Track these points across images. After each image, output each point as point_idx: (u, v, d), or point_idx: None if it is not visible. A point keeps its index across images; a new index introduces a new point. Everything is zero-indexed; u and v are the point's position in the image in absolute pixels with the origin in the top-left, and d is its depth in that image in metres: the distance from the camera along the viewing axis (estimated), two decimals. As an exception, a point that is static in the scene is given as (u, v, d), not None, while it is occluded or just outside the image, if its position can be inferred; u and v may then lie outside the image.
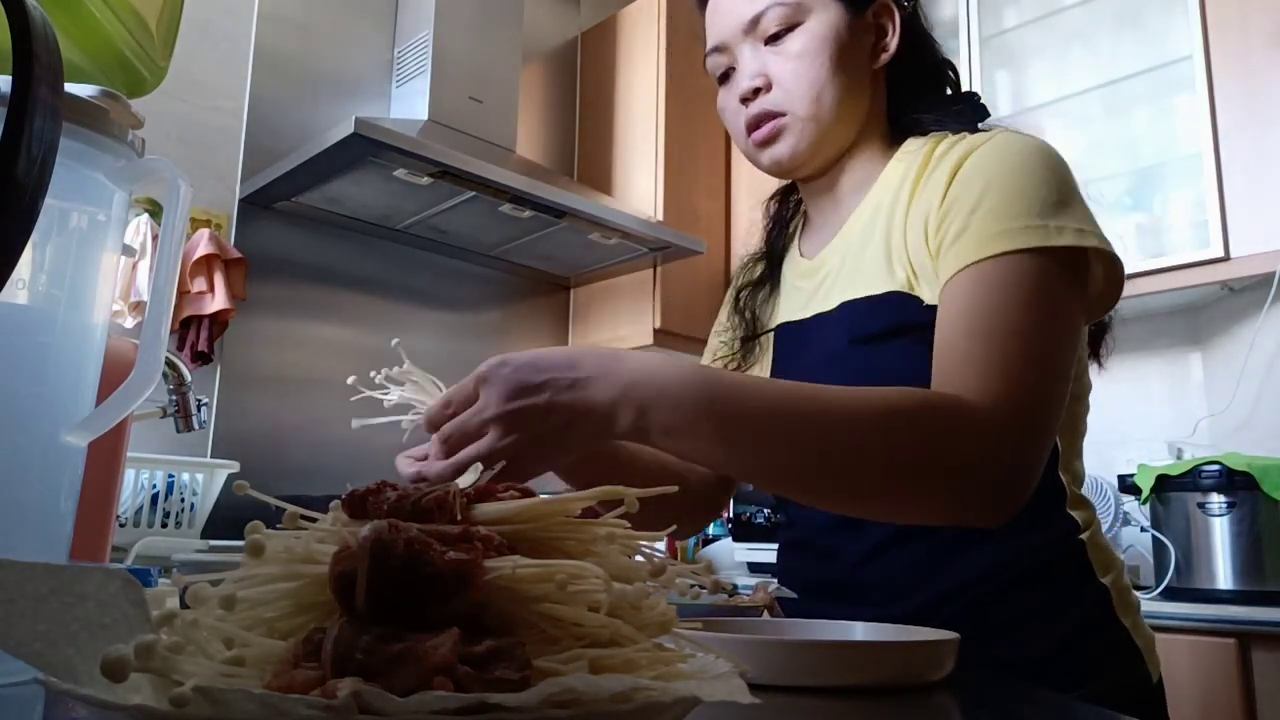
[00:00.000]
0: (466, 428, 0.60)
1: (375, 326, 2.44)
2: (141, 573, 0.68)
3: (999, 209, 0.72)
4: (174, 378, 1.22)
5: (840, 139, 0.87)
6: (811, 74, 0.82)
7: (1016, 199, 0.72)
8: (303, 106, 2.38)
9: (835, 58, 0.83)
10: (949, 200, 0.76)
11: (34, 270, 0.44)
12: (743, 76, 0.86)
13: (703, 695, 0.26)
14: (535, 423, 0.59)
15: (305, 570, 0.29)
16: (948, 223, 0.75)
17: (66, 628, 0.27)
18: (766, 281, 0.98)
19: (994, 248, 0.70)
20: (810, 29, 0.83)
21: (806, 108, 0.83)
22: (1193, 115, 2.08)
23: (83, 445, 0.47)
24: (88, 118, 0.45)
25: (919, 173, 0.82)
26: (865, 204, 0.87)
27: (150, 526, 1.58)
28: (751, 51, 0.86)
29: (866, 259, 0.83)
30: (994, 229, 0.71)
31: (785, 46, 0.84)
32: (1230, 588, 1.79)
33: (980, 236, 0.71)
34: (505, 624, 0.27)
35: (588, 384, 0.59)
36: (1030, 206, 0.71)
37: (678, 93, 2.85)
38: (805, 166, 0.88)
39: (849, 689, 0.49)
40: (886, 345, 0.79)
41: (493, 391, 0.59)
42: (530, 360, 0.59)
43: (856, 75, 0.85)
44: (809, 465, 0.63)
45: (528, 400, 0.58)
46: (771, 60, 0.85)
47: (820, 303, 0.88)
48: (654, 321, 2.70)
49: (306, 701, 0.22)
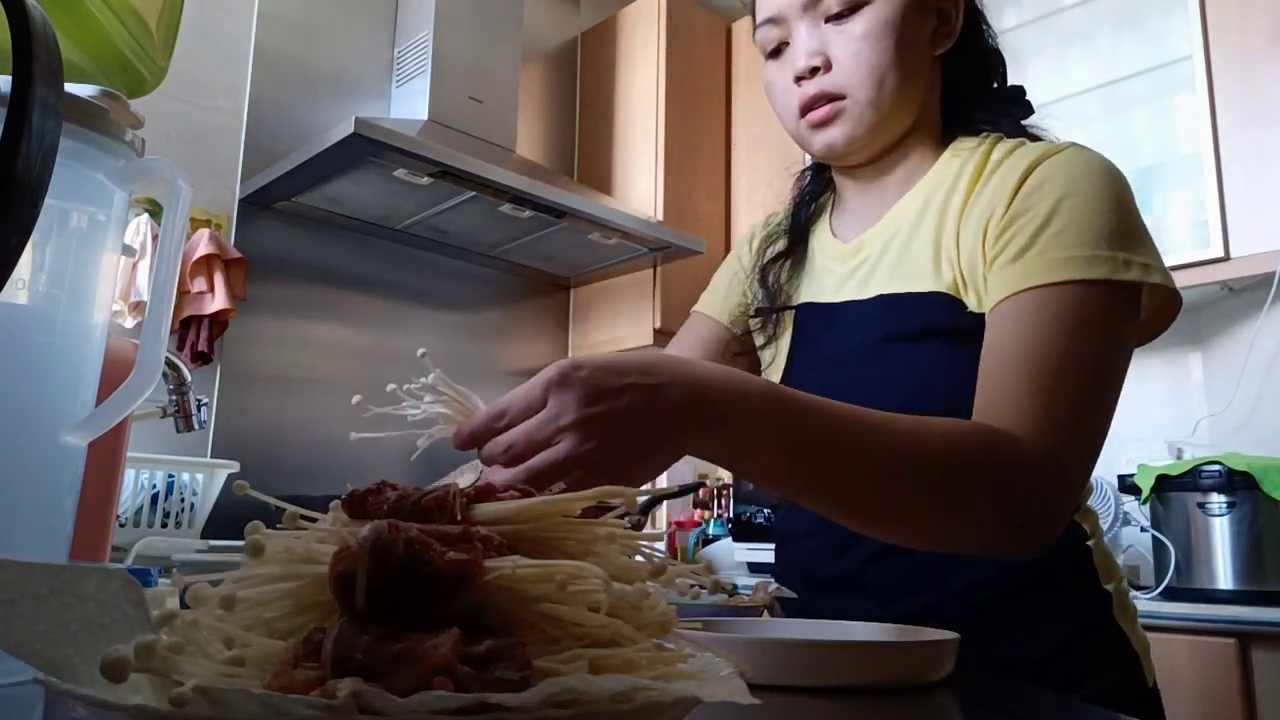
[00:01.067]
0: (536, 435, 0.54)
1: (375, 326, 2.44)
2: (141, 573, 0.68)
3: (1068, 233, 0.70)
4: (174, 378, 1.22)
5: (896, 128, 0.83)
6: (875, 57, 0.79)
7: (1087, 225, 0.70)
8: (303, 106, 2.38)
9: (899, 42, 0.79)
10: (1014, 211, 0.74)
11: (34, 270, 0.44)
12: (799, 54, 0.82)
13: (703, 695, 0.26)
14: (616, 428, 0.54)
15: (305, 570, 0.29)
16: (1010, 235, 0.73)
17: (66, 628, 0.27)
18: (790, 255, 0.95)
19: (1061, 274, 0.68)
20: (876, 10, 0.79)
21: (867, 92, 0.79)
22: (1193, 115, 2.08)
23: (83, 445, 0.47)
24: (88, 118, 0.45)
25: (976, 173, 0.80)
26: (914, 194, 0.84)
27: (150, 526, 1.58)
28: (809, 28, 0.82)
29: (913, 253, 0.81)
30: (1061, 254, 0.69)
31: (848, 26, 0.80)
32: (1230, 588, 1.79)
33: (1046, 261, 0.70)
34: (505, 624, 0.27)
35: (667, 389, 0.56)
36: (1100, 235, 0.69)
37: (678, 93, 2.85)
38: (858, 154, 0.84)
39: (849, 689, 0.49)
40: (921, 346, 0.78)
41: (569, 396, 0.54)
42: (605, 364, 0.56)
43: (917, 62, 0.82)
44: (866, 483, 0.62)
45: (609, 404, 0.54)
46: (832, 39, 0.80)
47: (855, 289, 0.85)
48: (654, 321, 2.70)
49: (306, 701, 0.22)
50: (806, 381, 0.85)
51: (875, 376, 0.79)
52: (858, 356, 0.82)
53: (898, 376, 0.78)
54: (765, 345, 0.94)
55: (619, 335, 2.80)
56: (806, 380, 0.85)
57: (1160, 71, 2.19)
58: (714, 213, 2.92)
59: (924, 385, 0.77)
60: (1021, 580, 0.77)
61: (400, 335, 2.49)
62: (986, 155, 0.81)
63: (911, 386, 0.77)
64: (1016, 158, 0.78)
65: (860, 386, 0.80)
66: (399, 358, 2.47)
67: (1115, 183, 0.74)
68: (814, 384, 0.84)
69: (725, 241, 2.94)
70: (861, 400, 0.79)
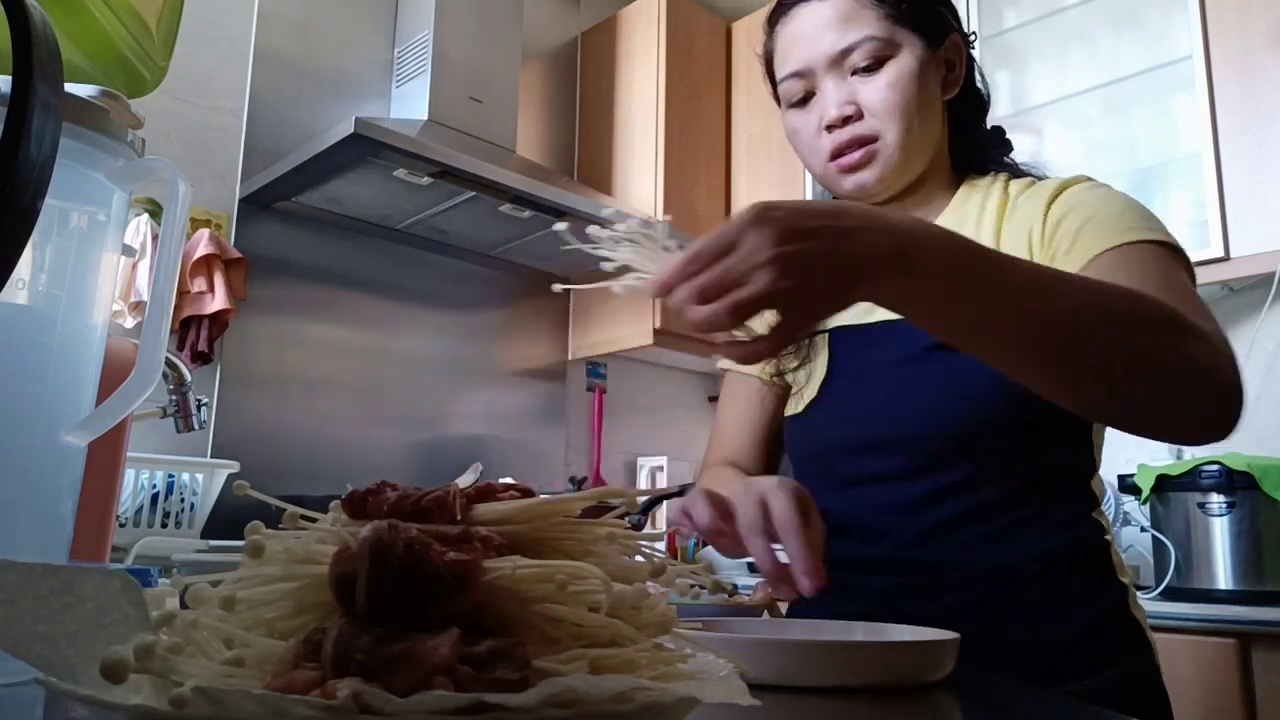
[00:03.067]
0: (730, 275, 0.55)
1: (375, 326, 2.44)
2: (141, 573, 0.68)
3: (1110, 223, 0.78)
4: (174, 378, 1.22)
5: (917, 167, 0.90)
6: (903, 103, 0.85)
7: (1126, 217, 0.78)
8: (303, 106, 2.38)
9: (920, 89, 0.86)
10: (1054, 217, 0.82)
11: (34, 270, 0.44)
12: (829, 104, 0.87)
13: (703, 696, 0.26)
14: (811, 268, 0.54)
15: (305, 571, 0.28)
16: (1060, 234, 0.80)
17: (66, 628, 0.27)
18: None
19: (1127, 237, 0.76)
20: (901, 62, 0.86)
21: (897, 135, 0.85)
22: (1193, 115, 2.08)
23: (83, 445, 0.47)
24: (88, 118, 0.45)
25: (1000, 204, 0.88)
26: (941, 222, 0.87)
27: (150, 526, 1.58)
28: (836, 82, 0.87)
29: None
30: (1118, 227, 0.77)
31: (876, 79, 0.86)
32: (1230, 588, 1.79)
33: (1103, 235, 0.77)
34: (505, 624, 0.27)
35: (859, 232, 0.56)
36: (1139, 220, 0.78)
37: (678, 93, 2.85)
38: (885, 192, 0.90)
39: (849, 689, 0.49)
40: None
41: (764, 234, 0.54)
42: (799, 207, 0.56)
43: (934, 107, 0.89)
44: (1069, 327, 0.62)
45: (805, 244, 0.54)
46: (861, 90, 0.86)
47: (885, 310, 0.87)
48: (654, 322, 2.70)
49: (306, 702, 0.22)
50: (849, 395, 0.90)
51: (924, 381, 0.83)
52: (903, 365, 0.85)
53: (950, 380, 0.81)
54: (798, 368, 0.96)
55: (619, 335, 2.80)
56: (849, 394, 0.90)
57: (1160, 71, 2.18)
58: (714, 213, 2.92)
59: (973, 387, 0.80)
60: (1052, 563, 0.81)
61: (400, 335, 2.49)
62: (1005, 189, 0.89)
63: (964, 389, 0.80)
64: (1039, 187, 0.86)
65: (904, 387, 0.84)
66: (399, 358, 2.47)
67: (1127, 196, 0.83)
68: (857, 396, 0.89)
69: (725, 241, 2.94)
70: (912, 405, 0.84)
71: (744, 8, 3.11)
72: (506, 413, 2.70)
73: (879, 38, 0.85)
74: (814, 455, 0.94)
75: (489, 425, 2.64)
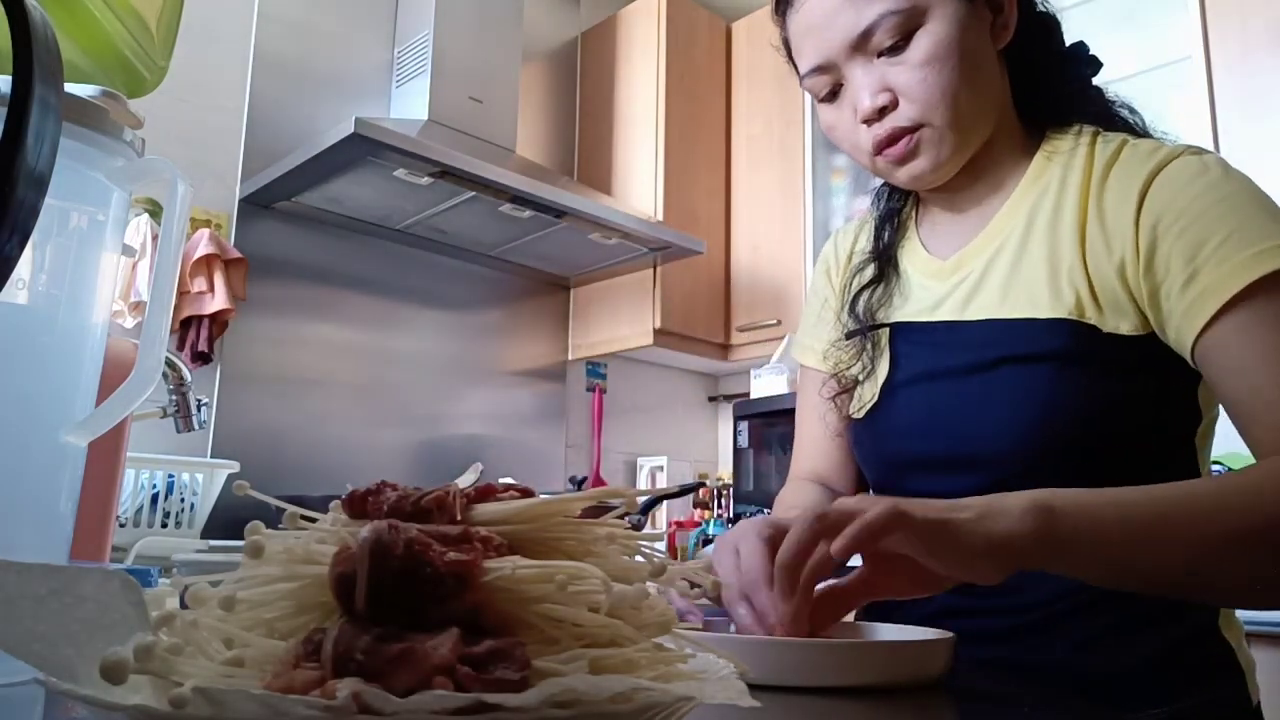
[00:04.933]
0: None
1: (375, 326, 2.44)
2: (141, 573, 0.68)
3: (1233, 239, 0.65)
4: (174, 378, 1.22)
5: (978, 139, 0.79)
6: (943, 80, 0.73)
7: (1246, 225, 0.65)
8: (303, 106, 2.38)
9: (964, 55, 0.74)
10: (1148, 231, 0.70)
11: (34, 270, 0.44)
12: (861, 96, 0.76)
13: (703, 697, 0.26)
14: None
15: (305, 571, 0.28)
16: (1165, 260, 0.68)
17: (66, 628, 0.27)
18: (882, 279, 0.89)
19: (1252, 273, 0.63)
20: (932, 30, 0.73)
21: (944, 116, 0.74)
22: (1193, 115, 2.08)
23: (83, 445, 0.47)
24: (88, 118, 0.45)
25: (1085, 178, 0.75)
26: (1015, 205, 0.79)
27: (150, 526, 1.58)
28: (864, 68, 0.76)
29: (1024, 274, 0.76)
30: (1238, 256, 0.64)
31: (907, 56, 0.74)
32: (1230, 588, 1.78)
33: (1226, 269, 0.65)
34: (505, 624, 0.27)
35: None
36: (1262, 229, 0.65)
37: (678, 93, 2.85)
38: (947, 176, 0.79)
39: (849, 689, 0.49)
40: (1041, 366, 0.73)
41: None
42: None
43: (986, 66, 0.76)
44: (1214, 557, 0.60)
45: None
46: (892, 73, 0.75)
47: (956, 308, 0.80)
48: (654, 322, 2.70)
49: (306, 702, 0.22)
50: (911, 404, 0.81)
51: (990, 392, 0.75)
52: (969, 374, 0.77)
53: (1016, 395, 0.74)
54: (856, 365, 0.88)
55: (619, 335, 2.80)
56: (911, 403, 0.81)
57: (1160, 71, 2.18)
58: (714, 213, 2.92)
59: (1048, 404, 0.72)
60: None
61: (400, 335, 2.49)
62: (1090, 158, 0.76)
63: (1032, 405, 0.72)
64: (1129, 161, 0.73)
65: (972, 401, 0.76)
66: (399, 358, 2.47)
67: (1241, 177, 0.70)
68: (917, 401, 0.80)
69: (725, 241, 2.94)
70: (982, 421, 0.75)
71: (744, 8, 3.11)
72: (506, 413, 2.70)
73: (898, 10, 0.73)
74: (876, 467, 0.87)
75: (489, 425, 2.64)
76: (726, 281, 2.94)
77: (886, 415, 0.83)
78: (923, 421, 0.79)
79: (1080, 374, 0.71)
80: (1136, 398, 0.72)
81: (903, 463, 0.82)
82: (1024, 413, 0.72)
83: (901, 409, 0.82)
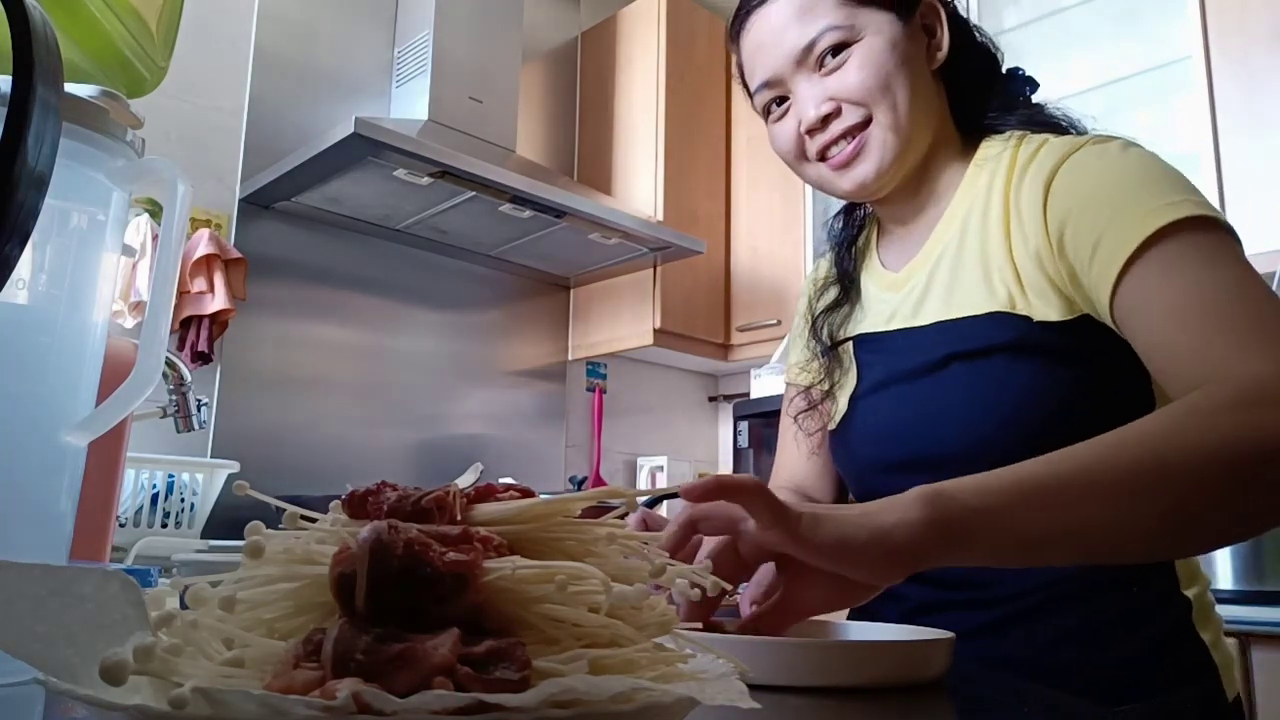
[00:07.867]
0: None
1: (375, 326, 2.44)
2: (141, 573, 0.68)
3: (1129, 202, 0.68)
4: (174, 378, 1.22)
5: (918, 149, 0.83)
6: (880, 82, 0.79)
7: (1142, 191, 0.68)
8: (303, 106, 2.38)
9: (900, 63, 0.79)
10: (1055, 221, 0.73)
11: (34, 270, 0.44)
12: (805, 108, 0.82)
13: (703, 698, 0.26)
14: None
15: (305, 571, 0.28)
16: (1073, 239, 0.71)
17: (66, 628, 0.27)
18: (845, 302, 0.95)
19: (1147, 227, 0.65)
20: (867, 44, 0.80)
21: (886, 116, 0.79)
22: (1193, 115, 2.08)
23: (83, 445, 0.47)
24: (88, 118, 0.45)
25: (1007, 180, 0.79)
26: (950, 215, 0.84)
27: (150, 526, 1.58)
28: (808, 81, 0.82)
29: (962, 278, 0.81)
30: (1134, 217, 0.66)
31: (846, 68, 0.80)
32: (1230, 588, 1.79)
33: (1124, 230, 0.67)
34: (505, 624, 0.27)
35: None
36: (1158, 190, 0.67)
37: (678, 93, 2.85)
38: (889, 184, 0.84)
39: (849, 689, 0.49)
40: (985, 360, 0.77)
41: None
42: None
43: (922, 79, 0.82)
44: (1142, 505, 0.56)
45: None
46: (833, 82, 0.81)
47: (906, 317, 0.85)
48: (654, 321, 2.70)
49: (306, 702, 0.22)
50: (876, 411, 0.85)
51: (944, 391, 0.79)
52: (922, 374, 0.81)
53: (970, 392, 0.77)
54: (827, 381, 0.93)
55: (619, 335, 2.80)
56: (877, 409, 0.85)
57: (1160, 71, 2.18)
58: (714, 213, 2.92)
59: (998, 397, 0.75)
60: (1107, 576, 0.75)
61: (400, 335, 2.49)
62: (1013, 160, 0.80)
63: (984, 399, 0.76)
64: (1041, 157, 0.77)
65: (930, 402, 0.80)
66: (399, 358, 2.47)
67: (1142, 152, 0.73)
68: (885, 411, 0.85)
69: (725, 241, 2.94)
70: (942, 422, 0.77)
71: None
72: (506, 413, 2.70)
73: (838, 25, 0.79)
74: (852, 475, 0.91)
75: (489, 425, 2.64)
76: (726, 281, 2.94)
77: (854, 424, 0.88)
78: (886, 426, 0.84)
79: (1026, 366, 0.74)
80: (1088, 386, 0.74)
81: (874, 468, 0.86)
82: (977, 409, 0.76)
83: (867, 417, 0.87)
